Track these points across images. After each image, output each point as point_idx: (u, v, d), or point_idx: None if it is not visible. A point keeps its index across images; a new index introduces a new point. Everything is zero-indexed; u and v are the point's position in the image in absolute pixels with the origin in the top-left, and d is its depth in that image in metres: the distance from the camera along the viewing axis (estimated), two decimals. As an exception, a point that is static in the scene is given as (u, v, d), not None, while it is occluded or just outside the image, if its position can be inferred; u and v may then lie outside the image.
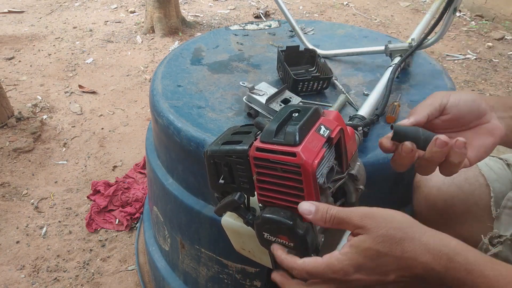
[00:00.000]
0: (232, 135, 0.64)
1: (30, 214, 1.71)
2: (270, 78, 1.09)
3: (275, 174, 0.55)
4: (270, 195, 0.57)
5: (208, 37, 1.32)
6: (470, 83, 2.73)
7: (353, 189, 0.63)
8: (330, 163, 0.58)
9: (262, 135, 0.56)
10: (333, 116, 0.60)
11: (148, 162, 1.16)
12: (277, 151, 0.53)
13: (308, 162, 0.52)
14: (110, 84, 2.65)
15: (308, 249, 0.56)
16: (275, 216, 0.56)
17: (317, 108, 0.59)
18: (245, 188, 0.61)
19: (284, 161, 0.53)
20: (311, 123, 0.56)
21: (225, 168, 0.61)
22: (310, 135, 0.55)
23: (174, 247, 1.11)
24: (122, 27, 3.43)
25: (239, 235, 0.69)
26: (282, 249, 0.57)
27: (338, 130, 0.58)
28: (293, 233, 0.55)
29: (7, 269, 1.49)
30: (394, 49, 1.09)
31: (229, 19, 3.62)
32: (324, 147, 0.55)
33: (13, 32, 3.33)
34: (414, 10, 3.90)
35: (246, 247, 0.70)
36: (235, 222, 0.66)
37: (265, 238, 0.59)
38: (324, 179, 0.55)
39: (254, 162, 0.56)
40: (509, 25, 3.52)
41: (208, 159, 0.63)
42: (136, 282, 1.45)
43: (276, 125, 0.55)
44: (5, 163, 1.96)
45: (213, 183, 0.64)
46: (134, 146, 2.10)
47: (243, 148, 0.58)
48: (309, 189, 0.53)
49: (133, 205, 1.71)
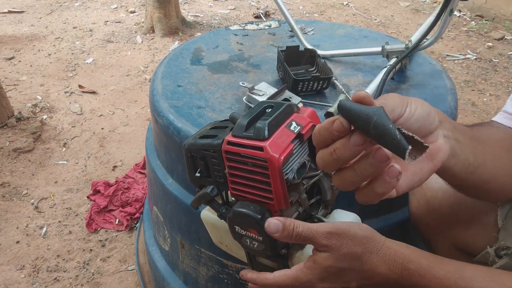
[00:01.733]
0: (210, 129, 0.65)
1: (30, 214, 1.71)
2: (270, 78, 1.09)
3: (245, 169, 0.56)
4: (241, 189, 0.58)
5: (208, 37, 1.32)
6: (470, 83, 2.73)
7: (328, 186, 0.63)
8: (301, 159, 0.58)
9: (233, 129, 0.56)
10: (307, 113, 0.60)
11: (148, 162, 1.16)
12: (247, 145, 0.54)
13: (274, 157, 0.52)
14: (110, 84, 2.65)
15: (275, 243, 0.57)
16: (244, 209, 0.57)
17: (290, 105, 0.59)
18: (220, 182, 0.62)
19: (253, 155, 0.54)
20: (282, 119, 0.57)
21: (201, 161, 0.62)
22: (279, 130, 0.55)
23: (174, 247, 1.11)
24: (122, 27, 3.43)
25: (217, 229, 0.70)
26: (251, 272, 0.62)
27: (310, 127, 0.58)
28: (262, 227, 0.56)
29: (7, 269, 1.50)
30: (390, 51, 1.09)
31: (229, 19, 3.62)
32: (293, 143, 0.55)
33: (13, 32, 3.33)
34: (414, 10, 3.90)
35: (224, 241, 0.71)
36: (213, 216, 0.67)
37: (236, 231, 0.60)
38: (294, 174, 0.56)
39: (226, 156, 0.57)
40: (509, 25, 3.52)
41: (186, 152, 0.64)
42: (136, 282, 1.45)
43: (248, 120, 0.56)
44: (5, 163, 1.96)
45: (191, 176, 0.65)
46: (134, 146, 2.10)
47: (217, 142, 0.58)
48: (275, 184, 0.54)
49: (133, 205, 1.71)
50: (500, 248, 0.74)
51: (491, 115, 2.41)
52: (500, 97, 2.59)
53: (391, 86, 1.07)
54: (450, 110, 0.98)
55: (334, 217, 0.65)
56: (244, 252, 0.66)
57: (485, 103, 2.53)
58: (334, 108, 0.90)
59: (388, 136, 0.41)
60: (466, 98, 2.57)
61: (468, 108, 2.47)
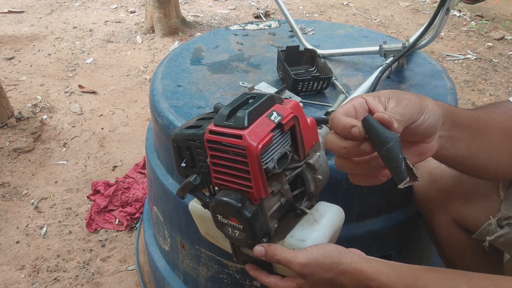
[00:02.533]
0: (196, 120, 0.66)
1: (30, 214, 1.71)
2: (270, 78, 1.09)
3: (227, 157, 0.57)
4: (223, 178, 0.59)
5: (208, 37, 1.32)
6: (470, 83, 2.73)
7: (311, 178, 0.64)
8: (282, 149, 0.59)
9: (215, 118, 0.57)
10: (290, 105, 0.61)
11: (148, 162, 1.16)
12: (227, 133, 0.55)
13: (252, 145, 0.53)
14: (110, 84, 2.65)
15: (255, 231, 0.59)
16: (225, 198, 0.58)
17: (272, 96, 0.60)
18: (205, 172, 0.63)
19: (232, 144, 0.55)
20: (263, 109, 0.58)
21: (186, 152, 0.64)
22: (259, 120, 0.56)
23: (174, 247, 1.11)
24: (122, 27, 3.43)
25: (203, 220, 0.71)
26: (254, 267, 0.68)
27: (290, 117, 0.59)
28: (241, 215, 0.57)
29: (7, 269, 1.50)
30: (388, 50, 1.09)
31: (229, 19, 3.62)
32: (273, 132, 0.56)
33: (13, 32, 3.33)
34: (414, 10, 3.90)
35: (210, 232, 0.72)
36: (200, 207, 0.68)
37: (219, 220, 0.62)
38: (275, 164, 0.57)
39: (208, 145, 0.58)
40: (509, 25, 3.52)
41: (172, 142, 0.65)
42: (136, 282, 1.45)
43: (229, 110, 0.57)
44: (5, 163, 1.96)
45: (178, 166, 0.67)
46: (134, 146, 2.10)
47: (202, 132, 0.59)
48: (254, 172, 0.55)
49: (133, 205, 1.71)
50: (502, 218, 0.75)
51: (491, 115, 2.41)
52: (500, 97, 2.59)
53: (391, 86, 1.07)
54: (450, 110, 0.98)
55: (317, 208, 0.66)
56: (229, 242, 0.67)
57: (485, 103, 2.53)
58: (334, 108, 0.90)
59: (395, 163, 0.49)
60: (466, 98, 2.57)
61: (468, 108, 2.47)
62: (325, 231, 0.63)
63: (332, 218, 0.65)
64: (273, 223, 0.62)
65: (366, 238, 0.91)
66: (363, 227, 0.89)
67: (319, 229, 0.63)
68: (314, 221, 0.64)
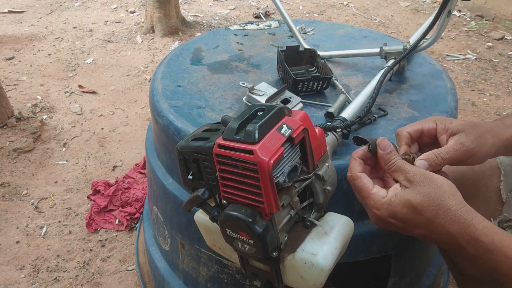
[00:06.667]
0: (203, 132, 0.65)
1: (30, 214, 1.71)
2: (270, 78, 1.09)
3: (236, 172, 0.56)
4: (232, 192, 0.58)
5: (208, 37, 1.32)
6: (470, 83, 2.73)
7: (320, 189, 0.63)
8: (293, 163, 0.58)
9: (224, 132, 0.56)
10: (299, 117, 0.60)
11: (148, 162, 1.16)
12: (237, 148, 0.54)
13: (264, 160, 0.52)
14: (110, 84, 2.65)
15: (266, 246, 0.57)
16: (235, 213, 0.57)
17: (281, 108, 0.59)
18: (212, 185, 0.61)
19: (243, 159, 0.53)
20: (273, 122, 0.57)
21: (193, 164, 0.62)
22: (270, 133, 0.55)
23: (174, 247, 1.11)
24: (122, 27, 3.43)
25: (210, 232, 0.69)
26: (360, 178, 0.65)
27: (301, 130, 0.58)
28: (252, 230, 0.56)
29: (7, 269, 1.50)
30: (388, 52, 1.08)
31: (229, 19, 3.62)
32: (284, 146, 0.55)
33: (13, 32, 3.33)
34: (414, 10, 3.90)
35: (217, 244, 0.71)
36: (206, 218, 0.67)
37: (228, 234, 0.60)
38: (285, 178, 0.56)
39: (216, 159, 0.57)
40: (509, 25, 3.52)
41: (178, 155, 0.64)
42: (136, 282, 1.45)
43: (238, 123, 0.56)
44: (5, 163, 1.96)
45: (184, 178, 0.65)
46: (134, 146, 2.10)
47: (209, 145, 0.58)
48: (266, 187, 0.54)
49: (133, 205, 1.71)
50: (503, 220, 0.75)
51: (491, 115, 2.41)
52: (500, 97, 2.59)
53: (391, 86, 1.07)
54: (450, 110, 0.98)
55: (326, 220, 0.65)
56: (237, 255, 0.66)
57: (485, 103, 2.53)
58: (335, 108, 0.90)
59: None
60: (466, 98, 2.57)
61: (468, 108, 2.47)
62: (336, 244, 0.62)
63: (342, 229, 0.64)
64: (283, 237, 0.60)
65: (366, 238, 0.91)
66: (363, 227, 0.89)
67: (329, 241, 0.61)
68: (325, 233, 0.62)
